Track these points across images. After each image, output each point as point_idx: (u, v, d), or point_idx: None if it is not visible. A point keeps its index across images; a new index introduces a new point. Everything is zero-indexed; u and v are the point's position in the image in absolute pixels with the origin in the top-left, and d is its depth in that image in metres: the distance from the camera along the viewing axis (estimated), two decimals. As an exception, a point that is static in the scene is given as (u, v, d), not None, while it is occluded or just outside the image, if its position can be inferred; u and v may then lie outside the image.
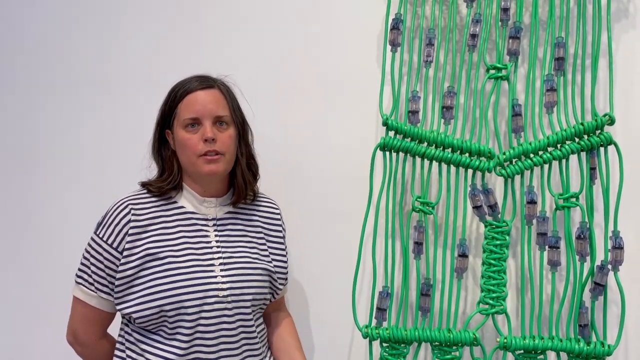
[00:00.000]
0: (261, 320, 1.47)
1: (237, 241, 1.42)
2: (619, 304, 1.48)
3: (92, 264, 1.35)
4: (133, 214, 1.34)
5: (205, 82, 1.39)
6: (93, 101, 1.97)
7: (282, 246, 1.50)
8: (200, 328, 1.32)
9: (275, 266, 1.46)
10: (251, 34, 1.83)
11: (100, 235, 1.34)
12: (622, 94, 1.58)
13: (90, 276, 1.36)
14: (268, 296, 1.44)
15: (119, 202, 1.37)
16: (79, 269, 1.38)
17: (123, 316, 1.40)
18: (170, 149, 1.42)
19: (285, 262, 1.50)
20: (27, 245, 2.02)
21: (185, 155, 1.37)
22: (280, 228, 1.51)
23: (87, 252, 1.37)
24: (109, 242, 1.33)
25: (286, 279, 1.51)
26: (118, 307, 1.35)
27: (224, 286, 1.34)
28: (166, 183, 1.39)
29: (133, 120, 1.90)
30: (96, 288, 1.36)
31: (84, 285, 1.37)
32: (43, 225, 2.01)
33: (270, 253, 1.47)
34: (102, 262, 1.34)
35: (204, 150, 1.34)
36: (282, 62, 1.80)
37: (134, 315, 1.31)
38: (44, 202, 2.01)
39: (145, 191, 1.41)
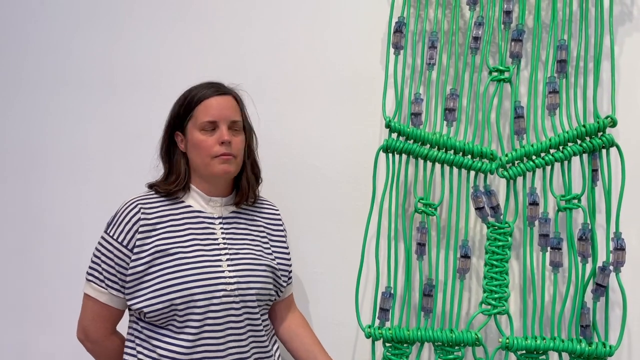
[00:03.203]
0: (267, 316, 1.51)
1: (242, 239, 1.47)
2: (622, 305, 1.48)
3: (103, 261, 1.39)
4: (143, 213, 1.39)
5: (221, 89, 1.46)
6: (99, 102, 1.99)
7: (284, 245, 1.55)
8: (208, 321, 1.37)
9: (278, 263, 1.51)
10: (256, 37, 1.85)
11: (111, 234, 1.39)
12: (626, 96, 1.59)
13: (101, 273, 1.40)
14: (272, 292, 1.48)
15: (128, 202, 1.42)
16: (90, 267, 1.42)
17: (132, 314, 1.43)
18: (179, 150, 1.47)
19: (288, 259, 1.55)
20: (35, 244, 2.04)
21: (200, 156, 1.42)
22: (281, 228, 1.56)
23: (98, 250, 1.41)
24: (120, 240, 1.38)
25: (290, 277, 1.56)
26: (129, 303, 1.39)
27: (232, 280, 1.39)
28: (174, 185, 1.44)
29: (139, 120, 1.92)
30: (107, 285, 1.39)
31: (94, 283, 1.40)
32: (51, 224, 2.03)
33: (273, 251, 1.52)
34: (112, 260, 1.38)
35: (220, 152, 1.41)
36: (286, 64, 1.82)
37: (145, 310, 1.35)
38: (51, 203, 2.03)
39: (153, 192, 1.46)
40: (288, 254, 1.55)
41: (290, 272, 1.56)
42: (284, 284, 1.52)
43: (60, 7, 2.03)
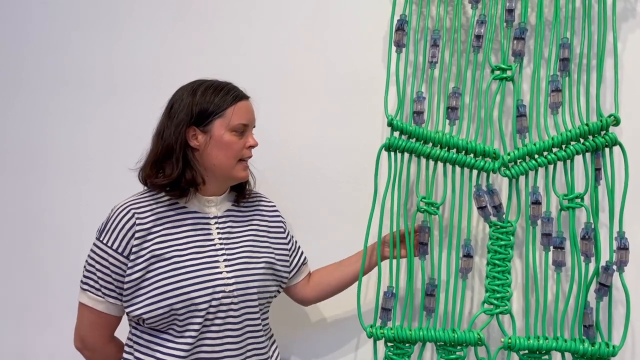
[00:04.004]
0: (267, 315, 1.50)
1: (237, 237, 1.46)
2: (625, 305, 1.47)
3: (98, 270, 1.36)
4: (137, 218, 1.36)
5: (244, 92, 1.45)
6: (99, 102, 1.99)
7: (283, 235, 1.55)
8: (207, 323, 1.36)
9: (277, 256, 1.50)
10: (258, 35, 1.84)
11: (105, 242, 1.36)
12: (629, 94, 1.58)
13: (96, 282, 1.37)
14: (273, 288, 1.48)
15: (120, 207, 1.38)
16: (85, 276, 1.39)
17: (131, 319, 1.41)
18: (190, 146, 1.39)
19: (288, 252, 1.54)
20: (35, 244, 2.04)
21: (225, 156, 1.39)
22: (279, 219, 1.56)
23: (92, 258, 1.38)
24: (114, 247, 1.35)
25: (299, 265, 1.58)
26: (127, 310, 1.36)
27: (230, 281, 1.38)
28: (190, 182, 1.38)
29: (139, 120, 1.91)
30: (103, 293, 1.37)
31: (90, 292, 1.38)
32: (51, 224, 2.03)
33: (271, 244, 1.50)
34: (108, 268, 1.36)
35: (247, 155, 1.42)
36: (289, 63, 1.81)
37: (145, 316, 1.33)
38: (51, 203, 2.03)
39: (147, 194, 1.42)
40: (288, 243, 1.55)
41: (297, 259, 1.57)
42: (285, 275, 1.51)
43: (60, 7, 2.03)
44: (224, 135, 1.38)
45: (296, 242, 1.61)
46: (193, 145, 1.39)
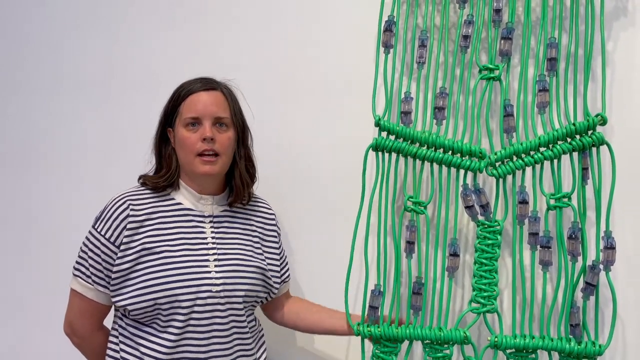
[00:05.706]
0: (253, 316, 1.51)
1: (232, 239, 1.46)
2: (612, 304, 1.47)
3: (89, 257, 1.39)
4: (131, 209, 1.38)
5: (208, 84, 1.44)
6: (98, 102, 2.01)
7: (276, 245, 1.54)
8: (192, 321, 1.36)
9: (268, 264, 1.49)
10: (249, 35, 1.85)
11: (99, 230, 1.38)
12: (621, 93, 1.57)
13: (87, 269, 1.40)
14: (262, 294, 1.48)
15: (117, 197, 1.41)
16: (77, 262, 1.42)
17: (117, 309, 1.44)
18: (171, 146, 1.46)
19: (278, 260, 1.54)
20: (33, 243, 2.07)
21: (184, 153, 1.41)
22: (274, 229, 1.56)
23: (85, 245, 1.41)
24: (107, 236, 1.37)
25: (283, 278, 1.57)
26: (114, 300, 1.38)
27: (218, 282, 1.38)
28: (162, 180, 1.43)
29: (135, 119, 1.94)
30: (93, 281, 1.39)
31: (81, 278, 1.40)
32: (49, 224, 2.05)
33: (264, 251, 1.51)
34: (99, 256, 1.38)
35: (202, 148, 1.39)
36: (278, 63, 1.82)
37: (129, 308, 1.35)
38: (47, 201, 2.05)
39: (143, 188, 1.45)
40: (279, 254, 1.55)
41: (284, 273, 1.57)
42: (276, 285, 1.51)
43: (59, 7, 2.05)
44: (179, 132, 1.42)
45: (285, 257, 1.61)
46: (173, 145, 1.46)
